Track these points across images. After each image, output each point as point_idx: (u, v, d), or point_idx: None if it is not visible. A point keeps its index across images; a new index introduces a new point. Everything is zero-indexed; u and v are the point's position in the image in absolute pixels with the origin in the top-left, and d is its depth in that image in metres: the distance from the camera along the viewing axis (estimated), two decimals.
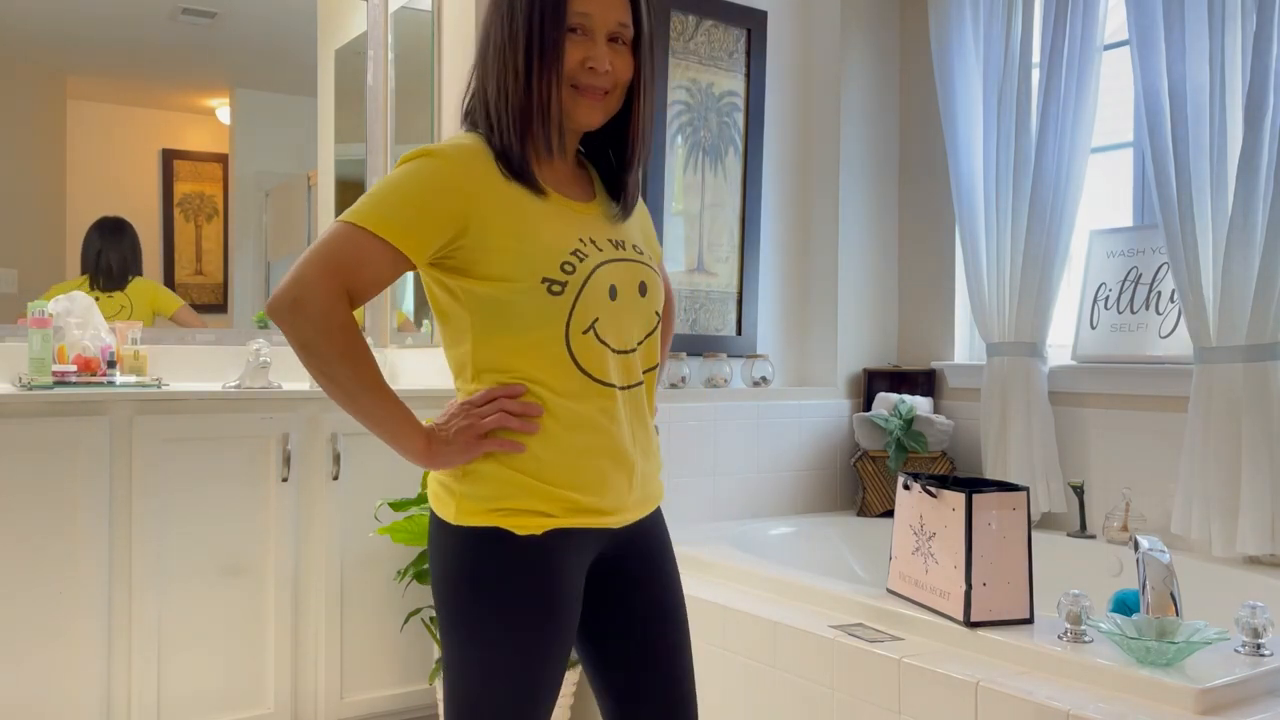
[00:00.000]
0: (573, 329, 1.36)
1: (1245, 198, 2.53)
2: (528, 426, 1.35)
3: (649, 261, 1.47)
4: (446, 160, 1.35)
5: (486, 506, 1.36)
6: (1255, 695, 1.74)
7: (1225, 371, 2.58)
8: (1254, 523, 2.50)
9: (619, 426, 1.40)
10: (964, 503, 2.03)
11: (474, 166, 1.36)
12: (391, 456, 2.82)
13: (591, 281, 1.36)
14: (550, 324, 1.35)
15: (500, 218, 1.35)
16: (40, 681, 2.38)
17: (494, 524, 1.35)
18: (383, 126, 3.36)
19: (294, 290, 1.29)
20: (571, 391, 1.37)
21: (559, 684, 1.41)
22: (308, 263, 1.30)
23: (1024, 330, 3.10)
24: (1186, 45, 2.66)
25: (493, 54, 1.39)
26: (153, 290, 3.11)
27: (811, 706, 2.16)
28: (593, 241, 1.40)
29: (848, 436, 3.52)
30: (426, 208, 1.32)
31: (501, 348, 1.36)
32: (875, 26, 3.61)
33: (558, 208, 1.41)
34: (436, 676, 2.64)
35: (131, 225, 3.08)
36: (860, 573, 3.16)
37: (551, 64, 1.35)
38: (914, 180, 3.63)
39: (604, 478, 1.39)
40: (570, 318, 1.35)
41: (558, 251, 1.35)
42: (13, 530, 2.36)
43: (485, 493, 1.36)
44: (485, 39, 1.42)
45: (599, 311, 1.37)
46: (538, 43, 1.35)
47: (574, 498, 1.37)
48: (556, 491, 1.36)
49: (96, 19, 2.99)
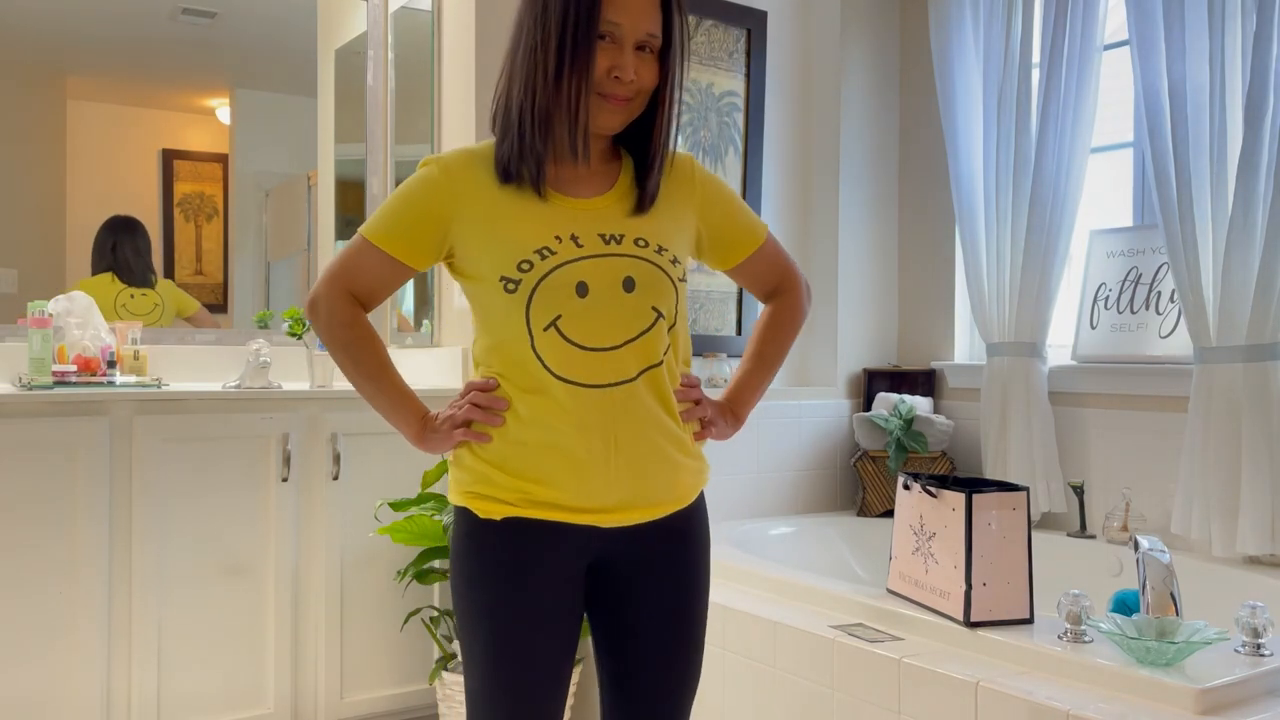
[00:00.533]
0: (533, 326, 1.40)
1: (1245, 198, 2.53)
2: (491, 420, 1.44)
3: (651, 255, 1.44)
4: (439, 167, 1.47)
5: (461, 489, 1.48)
6: (1255, 695, 1.74)
7: (1225, 371, 2.58)
8: (1254, 523, 2.50)
9: (590, 425, 1.40)
10: (964, 503, 2.03)
11: (466, 171, 1.46)
12: (391, 457, 2.82)
13: (551, 279, 1.39)
14: (512, 322, 1.41)
15: (478, 220, 1.44)
16: (40, 681, 2.38)
17: (464, 504, 1.47)
18: (383, 126, 3.36)
19: (312, 294, 1.52)
20: (532, 387, 1.41)
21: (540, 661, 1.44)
22: (326, 270, 1.51)
23: (1024, 330, 3.10)
24: (1186, 45, 2.67)
25: (523, 56, 1.43)
26: (175, 291, 3.12)
27: (811, 706, 2.16)
28: (574, 238, 1.41)
29: (848, 436, 3.52)
30: (415, 216, 1.46)
31: (484, 342, 1.48)
32: (875, 26, 3.61)
33: (549, 207, 1.44)
34: (436, 676, 2.64)
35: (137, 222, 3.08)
36: (860, 573, 3.16)
37: (581, 70, 1.39)
38: (914, 180, 3.63)
39: (566, 474, 1.41)
40: (528, 314, 1.40)
41: (520, 250, 1.41)
42: (13, 530, 2.36)
43: (460, 476, 1.49)
44: (515, 42, 1.45)
45: (560, 309, 1.39)
46: (569, 49, 1.39)
47: (531, 489, 1.42)
48: (514, 482, 1.43)
49: (96, 19, 2.99)
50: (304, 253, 3.37)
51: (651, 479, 1.45)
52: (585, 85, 1.40)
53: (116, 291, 3.01)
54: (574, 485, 1.41)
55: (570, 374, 1.40)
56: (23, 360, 2.74)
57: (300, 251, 3.37)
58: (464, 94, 2.98)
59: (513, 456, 1.43)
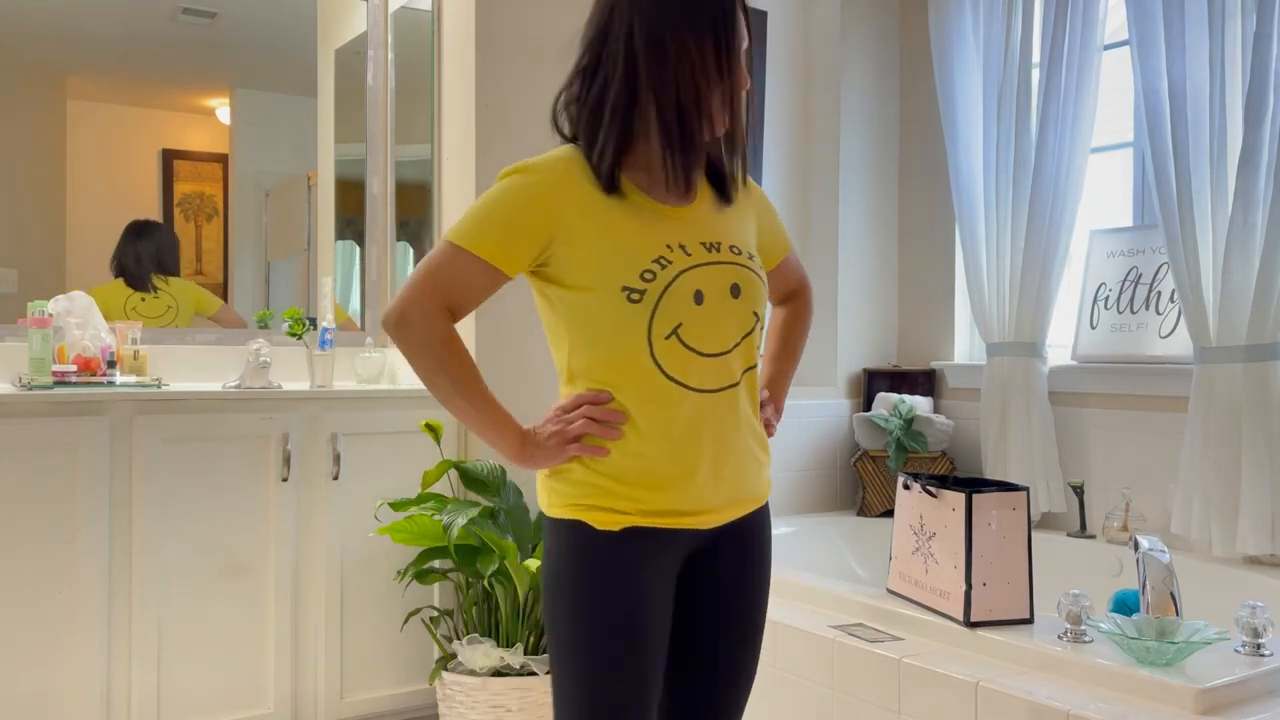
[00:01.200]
0: (655, 335, 1.40)
1: (1245, 198, 2.53)
2: (610, 434, 1.42)
3: (746, 262, 1.49)
4: (536, 174, 1.43)
5: (569, 502, 1.44)
6: (1255, 695, 1.74)
7: (1225, 371, 2.58)
8: (1254, 523, 2.50)
9: (703, 429, 1.44)
10: (964, 503, 2.03)
11: (564, 180, 1.43)
12: (391, 457, 2.82)
13: (674, 288, 1.41)
14: (631, 331, 1.40)
15: (585, 229, 1.41)
16: (40, 681, 2.38)
17: (577, 517, 1.43)
18: (383, 126, 3.36)
19: (400, 307, 1.43)
20: (653, 398, 1.41)
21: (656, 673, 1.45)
22: (414, 281, 1.43)
23: (1024, 330, 3.10)
24: (1186, 45, 2.66)
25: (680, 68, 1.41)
26: (194, 291, 3.12)
27: (811, 706, 2.16)
28: (682, 247, 1.44)
29: (848, 436, 3.52)
30: (515, 223, 1.41)
31: (590, 354, 1.44)
32: (875, 26, 3.61)
33: (652, 215, 1.45)
34: (436, 676, 2.64)
35: (162, 226, 3.09)
36: (860, 573, 3.16)
37: (733, 87, 1.43)
38: (914, 180, 3.63)
39: (683, 480, 1.43)
40: (651, 324, 1.40)
41: (639, 259, 1.40)
42: (13, 530, 2.36)
43: (570, 490, 1.45)
44: (659, 49, 1.42)
45: (682, 317, 1.41)
46: (728, 68, 1.42)
47: (648, 498, 1.42)
48: (632, 491, 1.42)
49: (96, 19, 2.99)
50: (304, 253, 3.37)
51: (747, 478, 1.50)
52: (735, 101, 1.43)
53: (125, 297, 3.02)
54: (690, 491, 1.44)
55: (689, 380, 1.42)
56: (23, 360, 2.74)
57: (300, 251, 3.37)
58: (464, 94, 2.98)
59: (631, 467, 1.42)
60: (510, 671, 2.57)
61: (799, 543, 3.14)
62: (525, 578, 2.56)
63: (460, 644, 2.60)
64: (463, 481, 2.77)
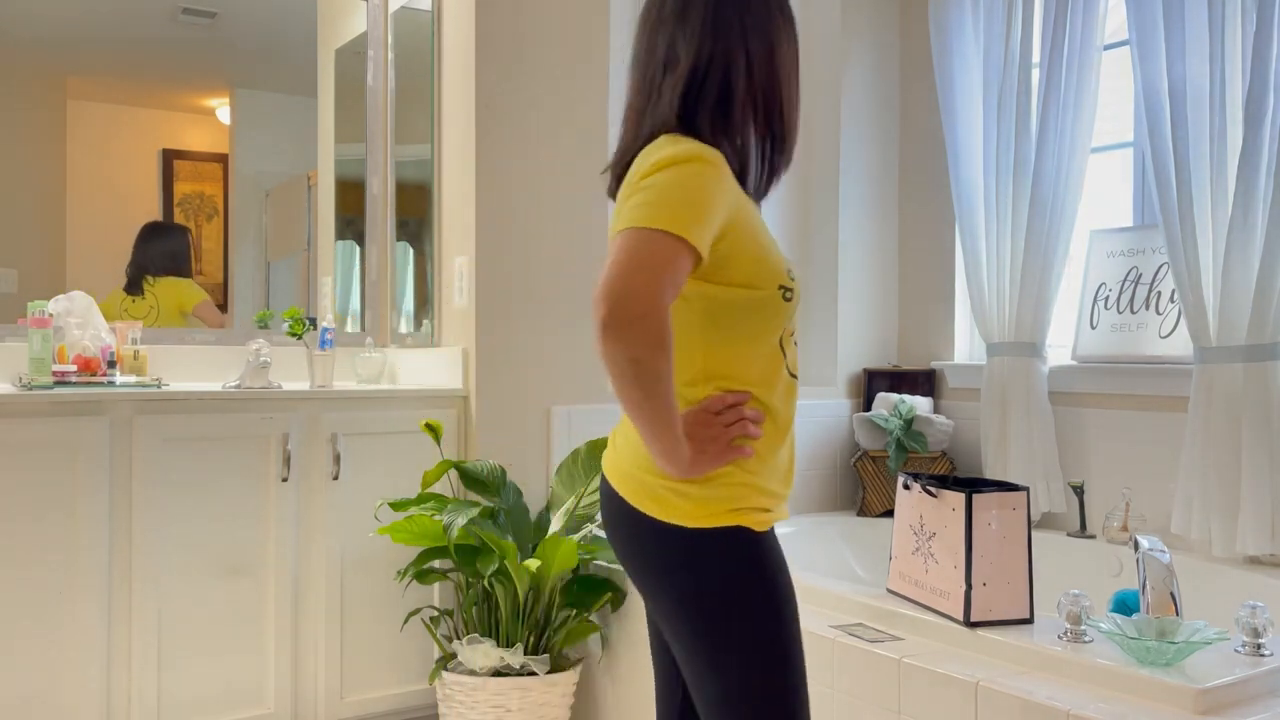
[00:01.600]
0: (785, 333, 1.45)
1: (1245, 198, 2.53)
2: (756, 433, 1.41)
3: None
4: (718, 166, 1.36)
5: (727, 508, 1.38)
6: (1255, 695, 1.74)
7: (1225, 371, 2.58)
8: (1254, 523, 2.50)
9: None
10: (964, 503, 2.03)
11: (730, 174, 1.40)
12: (391, 457, 2.82)
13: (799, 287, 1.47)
14: (773, 330, 1.42)
15: (749, 225, 1.41)
16: (40, 681, 2.38)
17: (736, 523, 1.39)
18: (383, 126, 3.36)
19: (641, 306, 1.24)
20: (783, 394, 1.45)
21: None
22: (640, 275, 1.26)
23: (1024, 330, 3.10)
24: (1186, 45, 2.66)
25: (785, 66, 1.47)
26: (176, 287, 3.12)
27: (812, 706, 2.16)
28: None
29: (848, 436, 3.52)
30: (712, 211, 1.33)
31: (732, 353, 1.40)
32: (875, 26, 3.61)
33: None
34: (436, 676, 2.64)
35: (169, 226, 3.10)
36: (860, 573, 3.16)
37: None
38: (914, 180, 3.63)
39: (792, 472, 1.50)
40: (789, 322, 1.46)
41: (783, 258, 1.45)
42: (13, 530, 2.36)
43: (727, 495, 1.39)
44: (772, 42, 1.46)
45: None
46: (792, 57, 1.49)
47: (779, 493, 1.46)
48: (777, 489, 1.45)
49: (96, 19, 2.99)
50: (304, 253, 3.37)
51: None
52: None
53: (120, 301, 3.03)
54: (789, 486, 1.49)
55: (799, 372, 1.51)
56: (23, 360, 2.74)
57: (300, 251, 3.37)
58: (464, 94, 2.98)
59: (777, 466, 1.44)
60: (510, 671, 2.57)
61: (799, 542, 3.14)
62: (525, 578, 2.56)
63: (460, 644, 2.60)
64: (463, 481, 2.78)
